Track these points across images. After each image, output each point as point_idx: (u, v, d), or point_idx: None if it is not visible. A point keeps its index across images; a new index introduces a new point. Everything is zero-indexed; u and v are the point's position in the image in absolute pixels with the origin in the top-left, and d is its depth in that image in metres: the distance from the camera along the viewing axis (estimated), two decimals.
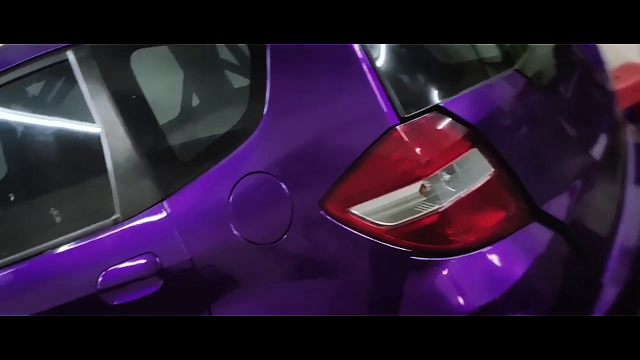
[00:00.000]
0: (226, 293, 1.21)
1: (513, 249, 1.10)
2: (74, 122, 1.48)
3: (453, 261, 1.05)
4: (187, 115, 1.59)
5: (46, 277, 1.38)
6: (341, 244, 1.09)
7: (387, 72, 1.05)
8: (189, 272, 1.20)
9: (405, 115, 1.03)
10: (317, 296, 1.15)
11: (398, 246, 1.05)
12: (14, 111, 1.57)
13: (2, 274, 1.43)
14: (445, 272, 1.05)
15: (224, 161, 1.17)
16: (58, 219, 1.51)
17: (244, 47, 1.57)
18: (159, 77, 1.43)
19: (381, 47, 1.08)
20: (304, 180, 1.10)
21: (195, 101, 1.74)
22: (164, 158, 1.25)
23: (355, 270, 1.11)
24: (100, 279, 1.26)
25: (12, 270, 1.42)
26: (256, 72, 1.17)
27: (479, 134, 1.06)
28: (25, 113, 1.59)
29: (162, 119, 1.32)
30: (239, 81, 1.70)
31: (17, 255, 1.41)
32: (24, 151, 1.63)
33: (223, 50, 1.69)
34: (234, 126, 1.22)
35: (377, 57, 1.05)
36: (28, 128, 1.58)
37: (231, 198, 1.14)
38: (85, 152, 1.43)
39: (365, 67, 1.03)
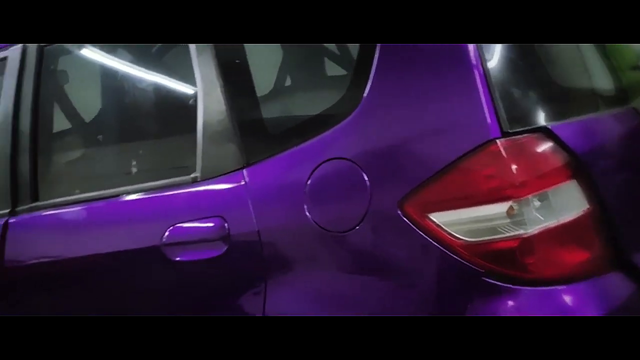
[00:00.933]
0: (283, 272, 1.20)
1: (589, 294, 1.04)
2: (176, 76, 1.52)
3: (525, 291, 1.00)
4: (279, 92, 1.60)
5: (116, 221, 1.42)
6: (411, 248, 1.06)
7: (498, 82, 1.00)
8: (253, 244, 1.19)
9: (509, 130, 0.98)
10: (372, 294, 1.11)
11: (471, 263, 1.01)
12: (122, 58, 1.63)
13: (75, 208, 1.47)
14: (513, 301, 1.00)
15: (311, 141, 1.15)
16: (138, 167, 1.55)
17: None
18: (262, 50, 1.43)
19: (497, 56, 1.03)
20: (387, 176, 1.07)
21: (288, 82, 1.75)
22: (253, 127, 1.25)
23: (420, 278, 1.07)
24: (167, 233, 1.27)
25: (85, 207, 1.46)
26: (362, 61, 1.15)
27: (581, 166, 1.01)
28: (131, 61, 1.64)
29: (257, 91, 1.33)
30: (335, 69, 1.70)
31: (93, 194, 1.45)
32: (122, 96, 1.68)
33: None
34: (326, 110, 1.21)
35: (491, 65, 1.01)
36: (130, 75, 1.62)
37: (311, 179, 1.13)
38: (179, 107, 1.46)
39: (477, 72, 0.99)
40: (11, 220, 1.53)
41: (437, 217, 1.01)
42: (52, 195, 1.51)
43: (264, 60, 1.67)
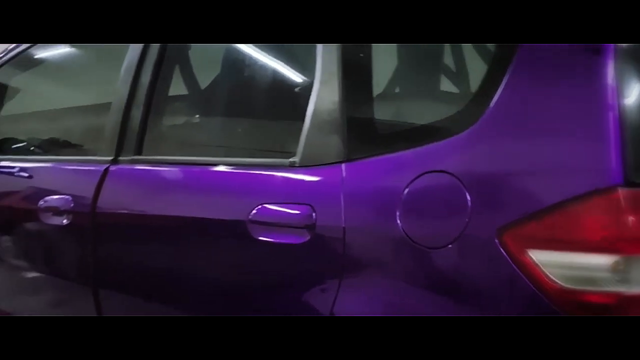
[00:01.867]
0: (359, 275, 1.18)
1: None
2: (295, 61, 1.53)
3: None
4: (389, 97, 1.57)
5: (207, 188, 1.45)
6: (499, 278, 1.01)
7: (633, 125, 0.94)
8: (336, 240, 1.18)
9: (635, 181, 0.91)
10: (443, 314, 1.07)
11: (557, 307, 0.95)
12: None
13: (172, 169, 1.52)
14: None
15: (417, 149, 1.13)
16: (238, 141, 1.58)
17: (471, 55, 1.52)
18: (381, 51, 1.41)
19: (636, 95, 0.97)
20: (491, 200, 1.03)
21: (398, 89, 1.73)
22: (362, 125, 1.24)
23: (496, 308, 1.02)
24: (254, 211, 1.28)
25: (181, 169, 1.50)
26: (487, 82, 1.12)
27: None
28: None
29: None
30: (447, 85, 1.67)
31: (190, 158, 1.49)
32: (238, 70, 1.71)
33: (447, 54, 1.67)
34: (438, 122, 1.18)
35: (629, 105, 0.95)
36: (252, 50, 1.64)
37: (409, 187, 1.10)
38: (291, 92, 1.47)
39: (611, 113, 0.93)
40: (112, 168, 1.60)
41: (536, 255, 0.96)
42: (154, 152, 1.57)
43: (378, 64, 1.66)
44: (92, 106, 2.21)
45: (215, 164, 1.43)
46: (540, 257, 0.96)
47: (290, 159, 1.28)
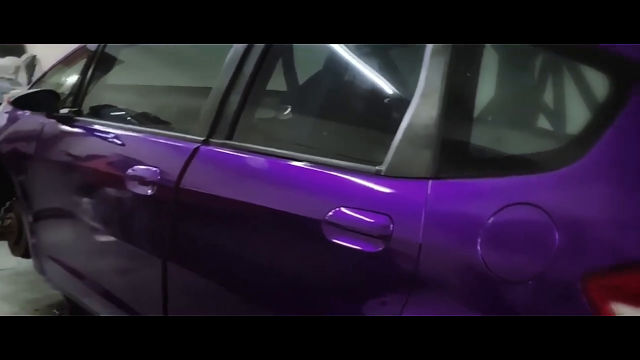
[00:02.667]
0: (427, 296, 1.16)
1: None
2: (398, 69, 1.53)
3: None
4: (485, 121, 1.54)
5: (288, 182, 1.46)
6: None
7: None
8: (410, 256, 1.16)
9: None
10: None
11: None
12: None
13: (257, 158, 1.54)
14: None
15: (509, 178, 1.10)
16: (326, 141, 1.59)
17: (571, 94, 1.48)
18: (489, 72, 1.38)
19: None
20: (582, 243, 0.99)
21: (495, 115, 1.69)
22: (456, 144, 1.22)
23: None
24: (331, 212, 1.28)
25: (265, 160, 1.52)
26: (595, 122, 1.08)
27: None
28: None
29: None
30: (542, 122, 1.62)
31: (276, 150, 1.51)
32: (338, 70, 1.73)
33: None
34: (537, 154, 1.15)
35: None
36: (354, 53, 1.66)
37: (496, 216, 1.07)
38: (388, 98, 1.47)
39: None
40: (202, 148, 1.65)
41: (621, 309, 0.91)
42: (244, 139, 1.60)
43: (486, 83, 1.63)
44: (191, 88, 2.30)
45: (300, 160, 1.44)
46: (625, 312, 0.91)
47: (377, 167, 1.28)
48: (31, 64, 4.95)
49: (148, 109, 2.28)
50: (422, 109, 1.24)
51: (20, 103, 2.33)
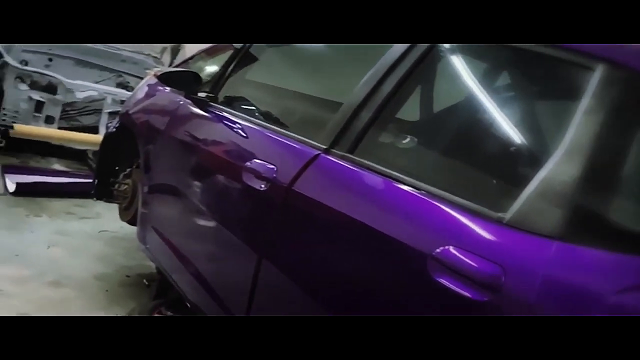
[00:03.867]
0: None
1: None
2: (543, 117, 1.46)
3: None
4: (633, 190, 1.43)
5: (399, 208, 1.42)
6: None
7: None
8: (519, 315, 1.09)
9: None
10: None
11: None
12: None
13: (373, 177, 1.51)
14: None
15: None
16: (451, 176, 1.54)
17: None
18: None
19: None
20: None
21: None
22: (593, 208, 1.14)
23: None
24: (439, 249, 1.23)
25: (381, 181, 1.49)
26: None
27: None
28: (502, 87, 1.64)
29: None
30: None
31: (394, 173, 1.47)
32: (477, 108, 1.68)
33: None
34: None
35: None
36: (495, 96, 1.61)
37: (621, 294, 0.99)
38: (527, 146, 1.40)
39: None
40: (322, 156, 1.66)
41: None
42: (365, 156, 1.58)
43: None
44: (322, 99, 2.34)
45: (418, 188, 1.40)
46: None
47: (499, 214, 1.22)
48: (176, 48, 5.26)
49: (276, 109, 2.33)
50: (563, 166, 1.17)
51: (165, 78, 2.47)
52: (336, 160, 1.62)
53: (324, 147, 1.68)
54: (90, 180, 3.71)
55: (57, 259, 3.10)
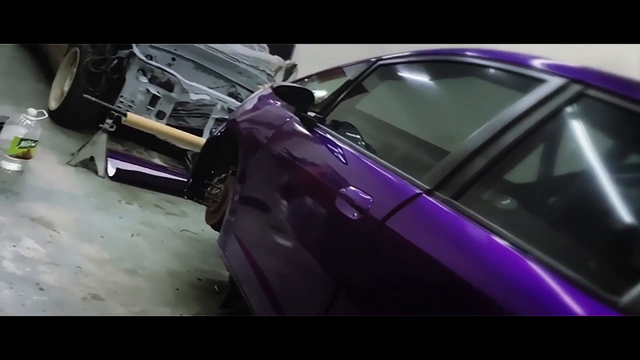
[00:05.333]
0: None
1: None
2: None
3: None
4: None
5: (503, 270, 1.31)
6: None
7: None
8: None
9: None
10: None
11: None
12: None
13: (479, 230, 1.41)
14: None
15: None
16: (562, 244, 1.41)
17: None
18: None
19: None
20: None
21: None
22: None
23: None
24: None
25: (487, 235, 1.39)
26: None
27: None
28: None
29: None
30: None
31: (499, 228, 1.37)
32: (605, 179, 1.55)
33: None
34: None
35: None
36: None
37: None
38: None
39: None
40: (424, 196, 1.57)
41: None
42: (471, 205, 1.48)
43: None
44: (427, 142, 2.26)
45: (524, 250, 1.28)
46: None
47: (613, 297, 1.08)
48: (290, 70, 5.37)
49: (381, 142, 2.28)
50: None
51: (281, 91, 2.48)
52: (439, 204, 1.53)
53: (428, 187, 1.60)
54: (185, 180, 3.81)
55: (138, 248, 3.17)
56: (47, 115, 3.54)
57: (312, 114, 2.42)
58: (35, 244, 2.64)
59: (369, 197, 1.70)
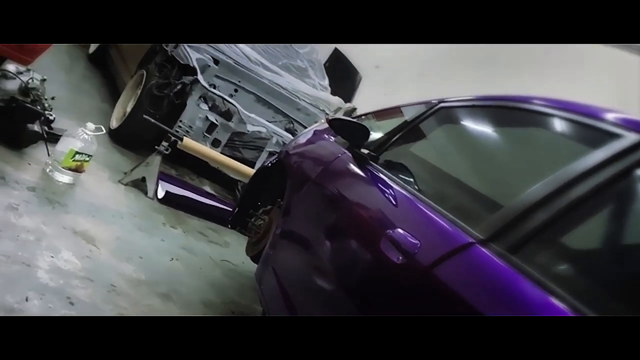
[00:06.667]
0: None
1: None
2: None
3: None
4: None
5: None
6: None
7: None
8: None
9: None
10: None
11: None
12: None
13: (536, 291, 1.26)
14: None
15: None
16: None
17: None
18: None
19: None
20: None
21: None
22: None
23: None
24: None
25: (538, 291, 1.24)
26: None
27: None
28: None
29: None
30: None
31: (559, 290, 1.21)
32: None
33: None
34: None
35: None
36: None
37: None
38: None
39: None
40: (477, 246, 1.43)
41: None
42: (529, 261, 1.34)
43: None
44: (482, 193, 2.11)
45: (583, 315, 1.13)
46: None
47: None
48: (349, 113, 5.32)
49: (433, 187, 2.15)
50: None
51: (336, 124, 2.40)
52: (493, 256, 1.39)
53: (481, 237, 1.45)
54: (231, 209, 3.75)
55: (175, 273, 3.11)
56: (104, 131, 3.58)
57: (365, 151, 2.31)
58: (73, 257, 2.61)
59: (416, 242, 1.57)
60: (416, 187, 2.07)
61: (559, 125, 1.81)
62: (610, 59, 5.17)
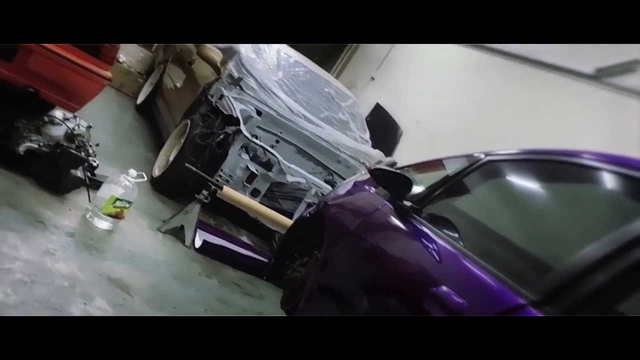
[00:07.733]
0: None
1: None
2: None
3: None
4: None
5: None
6: None
7: None
8: None
9: None
10: None
11: None
12: None
13: None
14: None
15: None
16: None
17: None
18: None
19: None
20: None
21: None
22: None
23: None
24: None
25: None
26: None
27: None
28: None
29: None
30: None
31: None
32: None
33: None
34: None
35: None
36: None
37: None
38: None
39: None
40: (528, 308, 1.32)
41: None
42: None
43: None
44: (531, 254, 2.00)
45: None
46: None
47: None
48: (390, 167, 5.25)
49: (480, 245, 2.04)
50: None
51: (378, 174, 2.33)
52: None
53: (533, 298, 1.34)
54: (267, 261, 3.68)
55: None
56: (145, 178, 3.59)
57: (408, 203, 2.23)
58: (106, 305, 2.57)
59: (462, 301, 1.47)
60: (461, 243, 1.97)
61: (611, 180, 1.70)
62: None
